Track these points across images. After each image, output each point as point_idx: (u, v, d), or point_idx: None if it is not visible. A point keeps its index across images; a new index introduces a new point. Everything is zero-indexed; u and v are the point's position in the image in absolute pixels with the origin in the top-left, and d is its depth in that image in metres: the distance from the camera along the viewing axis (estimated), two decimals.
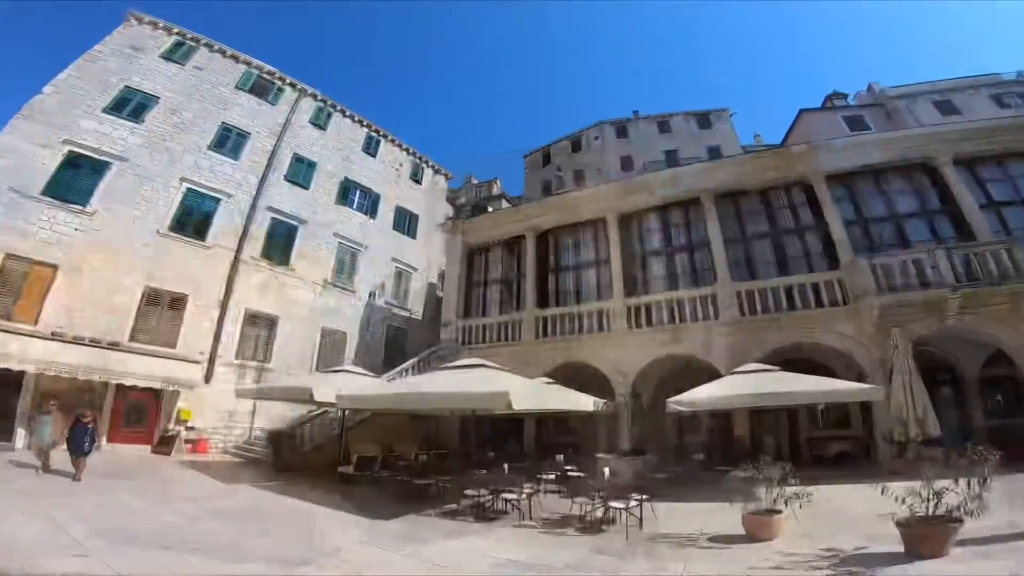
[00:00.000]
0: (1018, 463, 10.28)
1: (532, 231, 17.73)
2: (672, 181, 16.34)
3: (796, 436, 15.79)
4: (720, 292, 13.75)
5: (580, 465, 11.70)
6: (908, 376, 10.61)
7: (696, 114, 34.03)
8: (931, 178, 13.76)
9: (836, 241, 13.34)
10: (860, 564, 4.81)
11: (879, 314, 11.64)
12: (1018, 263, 10.98)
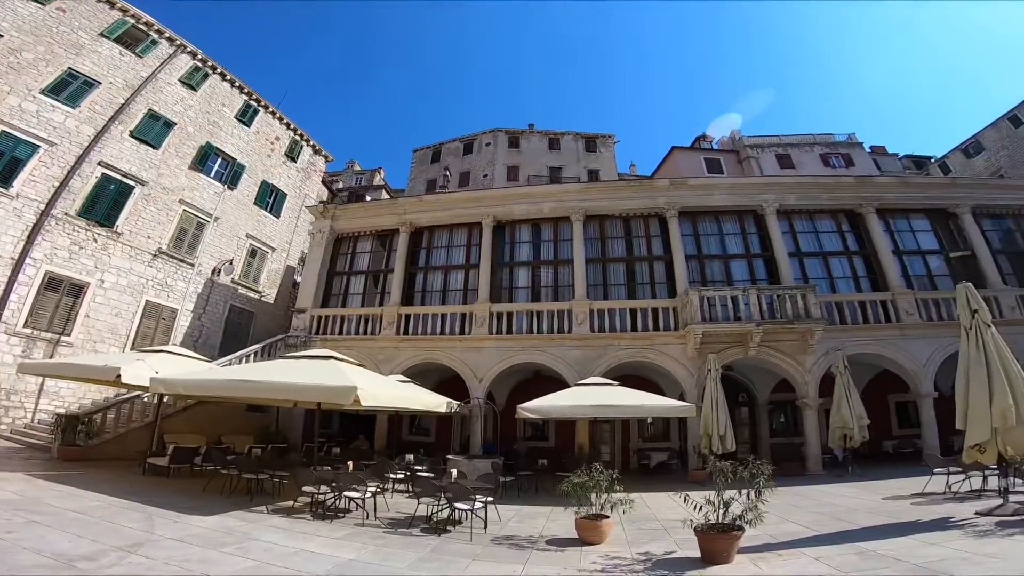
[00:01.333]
0: (795, 477, 12.44)
1: (407, 226, 17.40)
2: (550, 197, 17.08)
3: (627, 446, 17.28)
4: (576, 308, 14.60)
5: (431, 465, 11.62)
6: (716, 397, 12.12)
7: (585, 136, 35.83)
8: (758, 224, 15.95)
9: (677, 272, 14.89)
10: (667, 568, 5.24)
11: (701, 341, 13.22)
12: (809, 307, 13.13)
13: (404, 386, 11.67)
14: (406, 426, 17.68)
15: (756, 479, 5.34)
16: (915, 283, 14.72)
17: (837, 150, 29.19)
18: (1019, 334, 13.44)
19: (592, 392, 10.96)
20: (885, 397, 16.14)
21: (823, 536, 6.35)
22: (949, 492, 8.65)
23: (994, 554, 4.92)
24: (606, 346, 14.14)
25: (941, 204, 15.68)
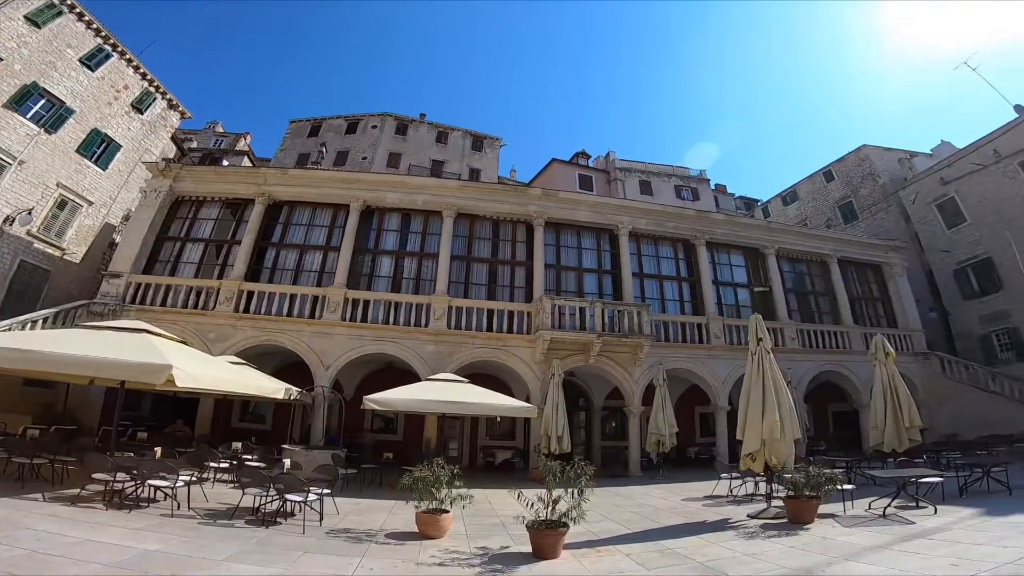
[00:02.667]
0: (619, 478, 13.62)
1: (265, 197, 16.08)
2: (425, 189, 16.87)
3: (475, 443, 17.80)
4: (435, 303, 14.68)
5: (263, 455, 10.86)
6: (557, 400, 13.00)
7: (474, 135, 35.89)
8: (612, 243, 17.32)
9: (536, 279, 15.64)
10: (501, 562, 5.40)
11: (549, 346, 14.10)
12: (642, 324, 14.64)
13: (236, 368, 10.83)
14: (237, 412, 16.35)
15: (579, 479, 5.71)
16: (725, 311, 17.16)
17: (689, 184, 32.55)
18: (796, 361, 16.42)
19: (443, 388, 11.07)
20: (692, 408, 18.57)
21: (635, 534, 6.98)
22: (731, 495, 10.00)
23: (757, 554, 5.65)
24: (461, 343, 14.43)
25: (755, 244, 18.46)
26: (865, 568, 4.80)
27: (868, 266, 20.11)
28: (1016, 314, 19.37)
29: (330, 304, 14.40)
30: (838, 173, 29.70)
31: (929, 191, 23.56)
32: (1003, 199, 20.46)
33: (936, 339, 20.93)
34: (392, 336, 14.30)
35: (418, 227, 16.71)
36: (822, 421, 19.88)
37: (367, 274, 15.89)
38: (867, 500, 7.90)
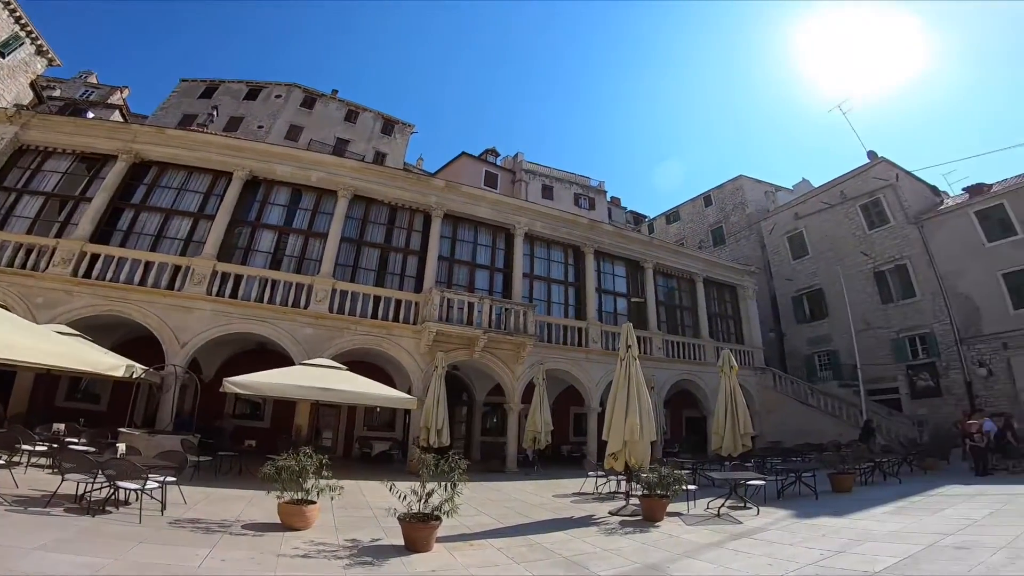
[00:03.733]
0: (496, 473, 13.86)
1: (131, 155, 14.18)
2: (322, 167, 15.83)
3: (351, 433, 17.18)
4: (318, 285, 13.84)
5: (93, 438, 9.52)
6: (439, 393, 12.94)
7: (385, 118, 34.58)
8: (507, 242, 17.57)
9: (428, 270, 15.42)
10: (372, 555, 5.24)
11: (434, 338, 13.96)
12: (528, 323, 15.08)
13: (65, 340, 9.30)
14: (65, 389, 14.17)
15: (453, 473, 5.74)
16: (605, 317, 18.27)
17: (588, 193, 34.15)
18: (660, 369, 17.95)
19: (318, 373, 10.48)
20: (568, 408, 19.57)
21: (507, 528, 7.10)
22: (597, 493, 10.53)
23: (614, 549, 5.92)
24: (343, 328, 13.79)
25: (637, 257, 19.83)
26: (701, 566, 5.27)
27: (727, 287, 22.55)
28: (836, 339, 22.91)
29: (195, 276, 12.98)
30: (716, 199, 32.89)
31: (784, 224, 27.02)
32: (839, 237, 24.08)
33: (772, 356, 24.11)
34: (266, 315, 13.27)
35: (309, 204, 15.69)
36: (677, 425, 21.97)
37: (243, 247, 14.61)
38: (706, 500, 8.74)
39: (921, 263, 20.93)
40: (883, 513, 7.72)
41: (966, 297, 19.46)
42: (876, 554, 5.20)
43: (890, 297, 21.78)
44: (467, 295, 15.08)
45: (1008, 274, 18.46)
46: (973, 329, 19.14)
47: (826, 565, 5.00)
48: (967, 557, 4.80)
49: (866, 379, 19.67)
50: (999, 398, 17.67)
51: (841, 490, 9.98)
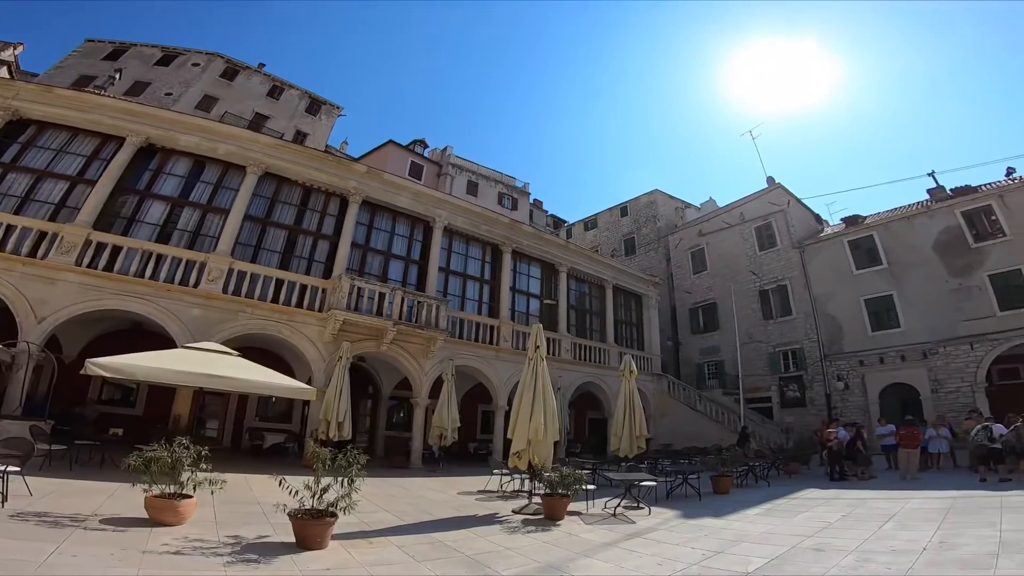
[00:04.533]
0: (400, 469, 13.53)
1: (9, 112, 12.50)
2: (233, 140, 14.57)
3: (241, 423, 15.99)
4: (213, 262, 12.70)
5: None
6: (341, 384, 12.36)
7: (313, 97, 32.82)
8: (425, 234, 17.24)
9: (339, 256, 14.72)
10: (257, 552, 4.85)
11: (340, 327, 13.33)
12: (440, 318, 14.89)
13: None
14: None
15: (351, 468, 5.48)
16: (517, 317, 18.52)
17: (512, 193, 34.58)
18: (566, 370, 18.48)
19: (203, 358, 9.50)
20: (476, 406, 19.61)
21: (409, 526, 6.88)
22: (501, 490, 10.53)
23: (516, 548, 5.91)
24: (238, 311, 12.76)
25: (553, 260, 20.29)
26: (598, 565, 5.41)
27: (633, 295, 23.76)
28: (724, 350, 24.92)
29: (64, 244, 11.43)
30: (631, 210, 34.58)
31: (689, 240, 28.95)
32: (735, 256, 26.20)
33: (668, 363, 25.80)
34: (146, 292, 11.95)
35: (212, 177, 14.42)
36: (580, 426, 22.82)
37: (127, 217, 13.11)
38: (604, 500, 9.07)
39: (799, 285, 23.36)
40: (755, 515, 8.37)
41: (833, 318, 21.99)
42: (749, 555, 5.59)
43: (771, 314, 24.08)
44: (379, 285, 14.56)
45: (870, 300, 21.10)
46: (836, 347, 21.67)
47: (707, 565, 5.31)
48: (824, 559, 5.26)
49: (746, 388, 21.63)
50: (853, 410, 20.13)
51: (721, 492, 10.74)
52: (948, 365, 18.45)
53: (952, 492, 9.46)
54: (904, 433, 12.87)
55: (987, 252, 18.55)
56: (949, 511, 7.48)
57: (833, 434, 13.51)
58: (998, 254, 18.27)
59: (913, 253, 20.28)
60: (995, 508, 7.39)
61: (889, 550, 5.39)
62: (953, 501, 8.41)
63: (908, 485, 11.10)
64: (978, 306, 18.22)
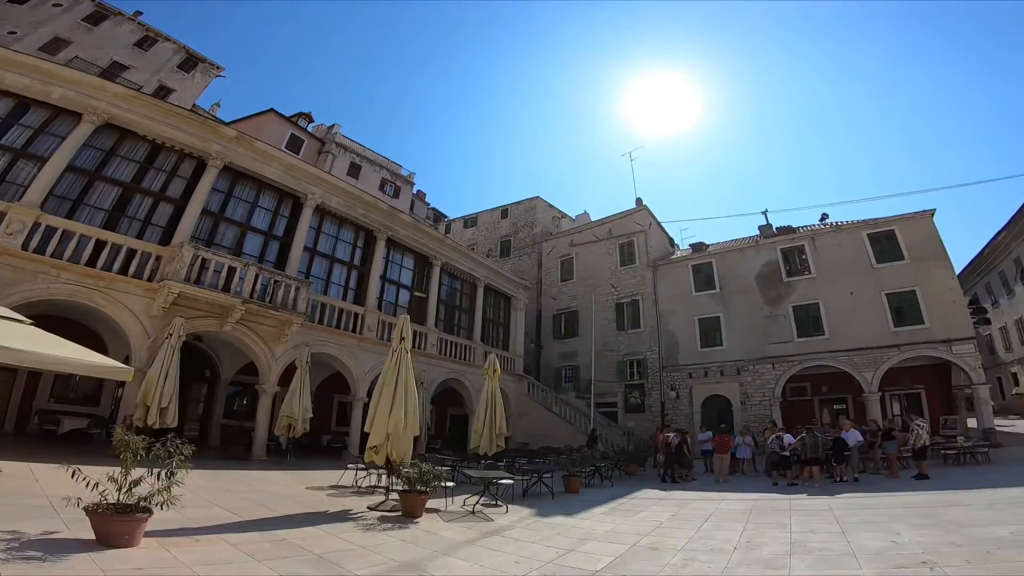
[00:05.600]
0: (238, 461, 12.11)
1: None
2: (73, 84, 12.14)
3: (29, 404, 13.17)
4: (15, 214, 10.36)
5: None
6: (169, 365, 10.71)
7: (190, 53, 28.85)
8: (293, 210, 15.87)
9: (184, 222, 12.94)
10: (44, 550, 4.10)
11: (174, 301, 11.63)
12: (298, 300, 13.76)
13: None
14: None
15: (172, 459, 4.92)
16: (385, 307, 17.90)
17: (396, 180, 33.50)
18: (431, 365, 18.20)
19: None
20: (333, 396, 18.49)
21: (247, 522, 6.31)
22: (356, 486, 9.98)
23: (372, 546, 5.68)
24: (38, 272, 10.53)
25: (428, 253, 19.94)
26: (458, 563, 5.35)
27: (503, 296, 24.31)
28: (580, 356, 26.53)
29: None
30: (512, 213, 35.41)
31: (560, 249, 30.38)
32: (599, 269, 28.05)
33: (530, 365, 26.83)
34: None
35: (35, 121, 11.93)
36: (442, 422, 22.66)
37: None
38: (463, 497, 9.06)
39: (649, 301, 25.75)
40: (601, 513, 8.92)
41: (672, 333, 24.59)
42: (597, 553, 5.93)
43: (623, 326, 26.22)
44: (230, 258, 13.03)
45: (702, 319, 23.96)
46: (672, 360, 24.26)
47: (560, 563, 5.49)
48: (658, 558, 5.75)
49: (597, 393, 23.27)
50: (681, 417, 22.64)
51: (571, 491, 11.31)
52: (755, 381, 21.66)
53: (753, 495, 10.86)
54: (718, 440, 14.72)
55: (795, 286, 22.13)
56: (752, 512, 8.57)
57: (664, 439, 14.98)
58: (803, 288, 21.89)
59: (740, 281, 23.47)
60: (786, 510, 8.56)
61: (708, 549, 6.01)
62: (754, 503, 9.65)
63: (721, 487, 12.54)
64: (782, 332, 21.67)
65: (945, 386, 20.47)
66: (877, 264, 20.46)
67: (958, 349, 18.13)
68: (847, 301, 20.46)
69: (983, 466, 13.08)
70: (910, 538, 5.79)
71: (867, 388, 19.04)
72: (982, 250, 30.35)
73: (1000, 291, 29.45)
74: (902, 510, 7.82)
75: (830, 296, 20.98)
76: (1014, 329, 28.17)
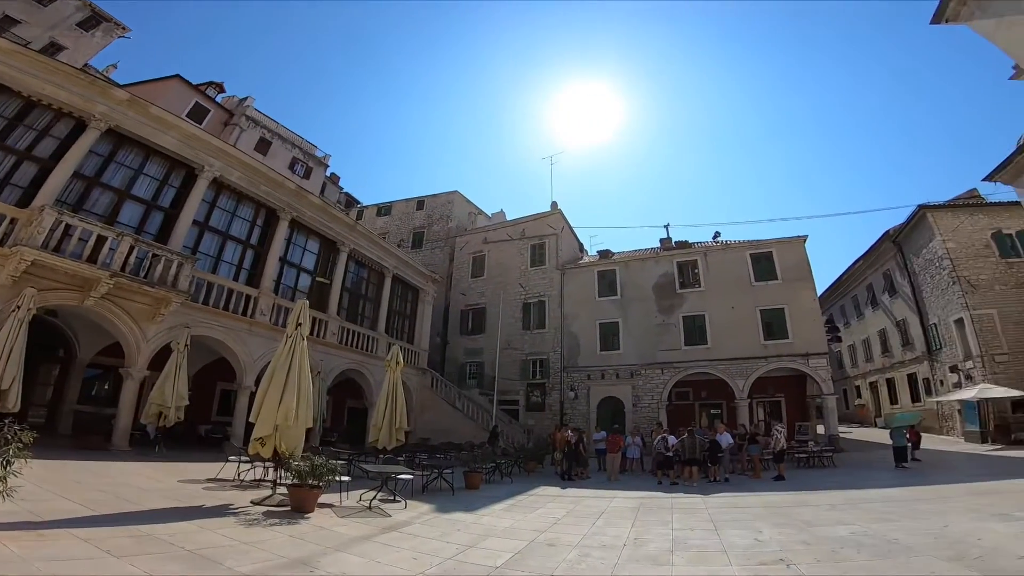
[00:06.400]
0: (96, 451, 10.76)
1: None
2: None
3: None
4: None
5: None
6: (13, 342, 9.24)
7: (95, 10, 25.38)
8: (185, 180, 14.43)
9: (50, 184, 11.33)
10: None
11: (27, 269, 10.11)
12: (180, 277, 12.55)
13: None
14: None
15: (10, 446, 4.37)
16: (282, 291, 16.85)
17: (308, 161, 31.73)
18: (330, 355, 17.34)
19: None
20: (216, 383, 16.97)
21: (104, 517, 5.67)
22: (238, 480, 9.31)
23: (256, 542, 5.35)
24: None
25: (336, 237, 19.01)
26: (352, 560, 5.11)
27: (411, 288, 23.87)
28: (486, 353, 26.67)
29: None
30: (429, 206, 34.90)
31: (473, 245, 30.34)
32: (510, 268, 28.37)
33: (435, 359, 26.54)
34: None
35: None
36: (339, 414, 21.65)
37: None
38: (359, 492, 8.75)
39: (555, 303, 26.51)
40: (501, 510, 9.03)
41: (575, 335, 25.51)
42: (497, 549, 5.98)
43: (529, 325, 26.76)
44: (101, 226, 11.54)
45: (603, 323, 25.10)
46: (573, 361, 25.18)
47: (461, 559, 5.45)
48: (555, 554, 5.90)
49: (500, 390, 23.57)
50: (579, 417, 23.51)
51: (472, 487, 11.31)
52: (646, 384, 23.12)
53: (641, 493, 11.50)
54: (611, 440, 15.48)
55: (686, 297, 23.89)
56: (640, 510, 9.09)
57: (562, 437, 15.47)
58: (693, 300, 23.69)
59: (639, 290, 24.90)
60: (668, 509, 9.16)
61: (601, 545, 6.28)
62: (642, 501, 10.24)
63: (612, 485, 13.14)
64: (672, 339, 23.31)
65: (801, 395, 23.23)
66: (755, 282, 22.69)
67: (814, 363, 20.65)
68: (729, 314, 22.48)
69: (828, 469, 14.83)
70: (770, 536, 6.41)
71: (739, 395, 21.09)
72: (840, 276, 34.56)
73: (852, 313, 33.88)
74: (763, 509, 8.65)
75: (715, 309, 22.92)
76: (860, 348, 32.62)
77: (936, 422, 22.96)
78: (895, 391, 28.25)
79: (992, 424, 18.80)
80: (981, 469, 13.16)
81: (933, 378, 24.07)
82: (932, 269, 23.27)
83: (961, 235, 22.05)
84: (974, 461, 15.06)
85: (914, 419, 17.31)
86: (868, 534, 6.10)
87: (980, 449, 17.60)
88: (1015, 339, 19.96)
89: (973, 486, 9.98)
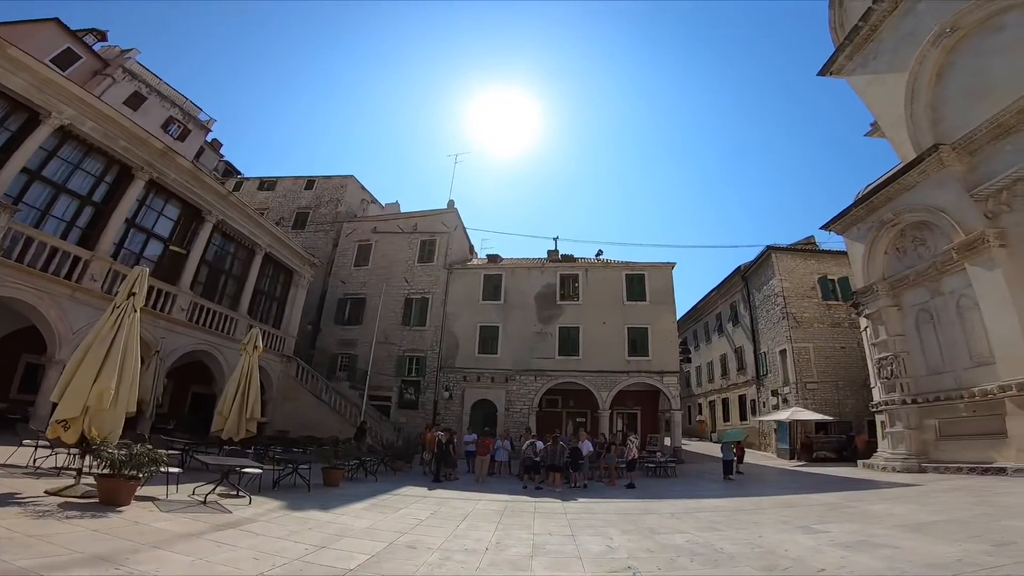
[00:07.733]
0: None
1: None
2: None
3: None
4: None
5: None
6: None
7: None
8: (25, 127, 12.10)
9: None
10: None
11: None
12: None
13: None
14: None
15: None
16: (124, 256, 14.65)
17: (187, 122, 28.42)
18: (176, 332, 15.49)
19: None
20: (20, 354, 14.19)
21: None
22: (33, 466, 8.12)
23: (47, 536, 4.69)
24: None
25: (202, 205, 16.96)
26: (174, 558, 4.51)
27: (285, 269, 22.16)
28: (360, 345, 25.58)
29: None
30: (319, 186, 32.78)
31: (361, 233, 29.02)
32: (397, 260, 27.57)
33: (304, 348, 24.78)
34: None
35: None
36: (180, 400, 19.23)
37: None
38: (193, 485, 7.81)
39: (438, 301, 26.24)
40: (360, 509, 8.52)
41: (455, 335, 25.44)
42: (352, 550, 5.55)
43: (409, 321, 26.18)
44: None
45: (484, 327, 25.36)
46: (451, 361, 25.08)
47: (310, 560, 4.99)
48: (415, 557, 5.63)
49: (372, 385, 22.70)
50: (452, 418, 23.47)
51: (331, 484, 10.58)
52: (519, 390, 23.77)
53: (506, 496, 11.59)
54: (480, 442, 15.57)
55: (564, 309, 25.00)
56: (504, 513, 9.12)
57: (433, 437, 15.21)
58: (570, 312, 24.87)
59: (522, 298, 25.58)
60: (531, 513, 9.30)
61: (463, 549, 6.14)
62: (507, 504, 10.33)
63: (479, 487, 13.12)
64: (547, 348, 24.27)
65: (654, 409, 25.44)
66: (627, 301, 24.47)
67: (667, 380, 22.76)
68: (600, 329, 23.95)
69: (671, 479, 16.25)
70: (620, 543, 6.72)
71: (602, 405, 22.53)
72: (697, 303, 38.71)
73: (702, 338, 37.96)
74: (615, 516, 9.13)
75: (589, 323, 24.28)
76: (705, 369, 36.64)
77: (757, 439, 26.43)
78: (728, 410, 32.12)
79: (799, 443, 22.07)
80: (791, 482, 15.16)
81: (759, 400, 27.75)
82: (768, 304, 26.88)
83: (795, 276, 25.81)
84: (784, 475, 17.40)
85: (740, 436, 19.73)
86: (699, 543, 6.65)
87: (788, 465, 20.50)
88: (823, 370, 23.79)
89: (782, 499, 11.40)
